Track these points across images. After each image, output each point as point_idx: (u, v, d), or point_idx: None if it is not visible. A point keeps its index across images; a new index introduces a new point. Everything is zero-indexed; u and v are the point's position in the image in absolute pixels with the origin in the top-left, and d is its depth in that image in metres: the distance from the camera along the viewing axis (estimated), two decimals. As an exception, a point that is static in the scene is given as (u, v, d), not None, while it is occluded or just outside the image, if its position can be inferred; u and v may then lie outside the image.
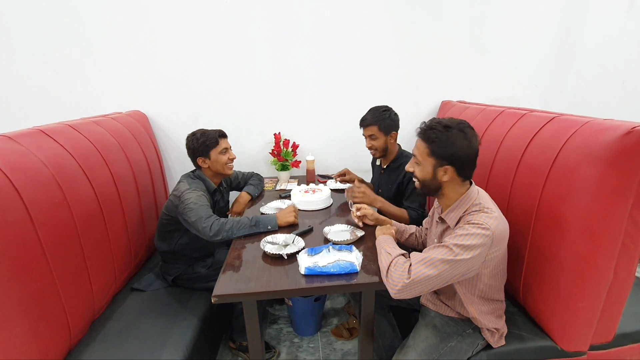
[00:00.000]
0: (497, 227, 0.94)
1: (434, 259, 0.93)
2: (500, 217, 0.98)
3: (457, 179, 1.01)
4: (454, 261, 0.91)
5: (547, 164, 1.08)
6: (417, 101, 2.20)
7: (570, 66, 2.22)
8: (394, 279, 0.95)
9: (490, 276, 1.03)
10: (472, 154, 0.97)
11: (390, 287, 0.96)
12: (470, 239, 0.91)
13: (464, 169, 0.99)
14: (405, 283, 0.92)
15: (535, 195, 1.11)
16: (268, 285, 1.02)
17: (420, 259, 0.95)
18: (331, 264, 1.06)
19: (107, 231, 1.37)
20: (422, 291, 0.95)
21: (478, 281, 1.03)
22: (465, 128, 0.97)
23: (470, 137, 0.97)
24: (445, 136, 0.96)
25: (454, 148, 0.96)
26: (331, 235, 1.31)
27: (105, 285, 1.35)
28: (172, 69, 1.98)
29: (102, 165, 1.41)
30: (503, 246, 0.99)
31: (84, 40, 1.89)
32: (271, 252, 1.16)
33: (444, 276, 0.92)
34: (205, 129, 1.54)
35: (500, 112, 1.48)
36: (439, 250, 0.94)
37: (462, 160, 0.97)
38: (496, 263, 1.01)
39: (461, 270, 0.93)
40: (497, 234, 0.94)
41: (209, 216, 1.34)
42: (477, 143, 0.98)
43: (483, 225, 0.92)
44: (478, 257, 0.92)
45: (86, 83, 1.96)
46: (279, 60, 2.04)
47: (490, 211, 0.97)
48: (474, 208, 0.99)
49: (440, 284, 0.94)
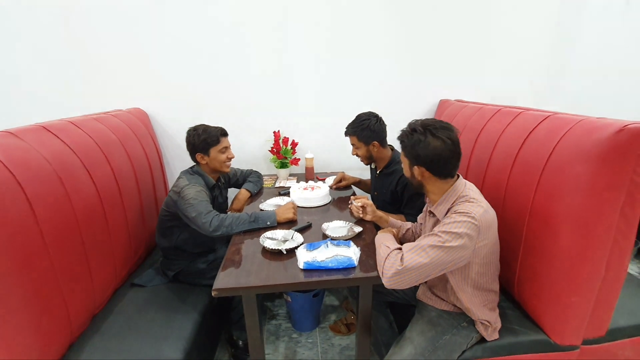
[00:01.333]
0: (482, 216, 0.96)
1: (423, 245, 0.96)
2: (486, 206, 1.00)
3: (433, 177, 1.05)
4: (443, 248, 0.93)
5: (541, 162, 1.09)
6: (415, 100, 2.22)
7: (566, 65, 2.24)
8: (387, 268, 0.98)
9: (482, 264, 1.05)
10: (441, 154, 0.99)
11: (384, 277, 0.99)
12: (457, 226, 0.94)
13: (436, 169, 1.03)
14: (398, 269, 0.95)
15: (529, 192, 1.13)
16: (267, 280, 1.03)
17: (410, 247, 0.99)
18: (329, 259, 1.08)
19: (108, 227, 1.38)
20: (415, 280, 0.96)
21: (469, 270, 1.05)
22: (436, 129, 1.00)
23: (440, 138, 0.99)
24: (410, 139, 1.03)
25: (419, 150, 1.01)
26: (329, 232, 1.33)
27: (105, 280, 1.37)
28: (172, 67, 1.99)
29: (103, 161, 1.42)
30: (491, 235, 1.01)
31: (84, 38, 1.90)
32: (270, 248, 1.18)
33: (435, 263, 0.94)
34: (208, 125, 1.54)
35: (496, 110, 1.50)
36: (428, 238, 0.98)
37: (430, 161, 1.01)
38: (486, 252, 1.03)
39: (452, 257, 0.95)
40: (483, 222, 0.96)
41: (208, 211, 1.35)
42: (451, 143, 0.99)
43: (469, 214, 0.95)
44: (466, 245, 0.94)
45: (87, 81, 1.96)
46: (279, 58, 2.05)
47: (475, 201, 0.99)
48: (460, 199, 1.02)
49: (433, 272, 0.96)
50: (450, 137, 1.00)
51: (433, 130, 1.00)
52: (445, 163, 1.02)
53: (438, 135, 0.99)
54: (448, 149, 0.99)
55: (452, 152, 1.01)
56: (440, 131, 1.00)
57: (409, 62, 2.14)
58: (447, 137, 0.99)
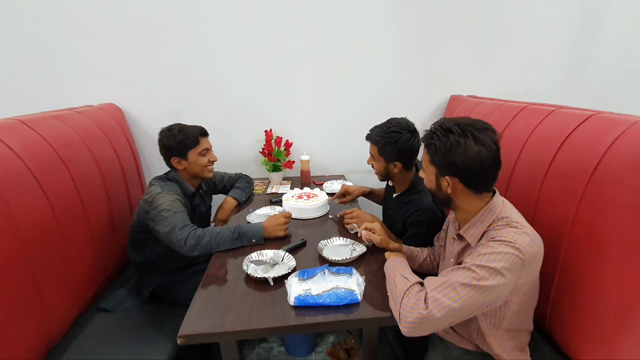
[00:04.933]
0: (529, 246, 0.77)
1: (453, 283, 0.77)
2: (532, 233, 0.81)
3: (467, 191, 0.85)
4: (478, 287, 0.75)
5: (585, 172, 0.92)
6: (423, 96, 2.03)
7: (590, 57, 2.03)
8: (406, 310, 0.79)
9: (520, 303, 0.87)
10: (483, 162, 0.80)
11: (402, 323, 0.79)
12: (497, 259, 0.75)
13: (473, 180, 0.84)
14: (422, 315, 0.76)
15: (569, 208, 0.96)
16: (250, 320, 0.84)
17: (436, 284, 0.79)
18: (326, 293, 0.88)
19: (66, 244, 1.19)
20: (440, 326, 0.78)
21: (505, 310, 0.86)
22: (477, 130, 0.81)
23: (481, 141, 0.80)
24: (443, 142, 0.82)
25: (455, 156, 0.81)
26: (327, 252, 1.13)
27: (63, 306, 1.18)
28: (151, 58, 1.78)
29: (60, 167, 1.22)
30: (536, 268, 0.83)
31: (51, 26, 1.68)
32: (255, 276, 0.98)
33: (468, 306, 0.76)
34: (184, 124, 1.35)
35: (521, 108, 1.31)
36: (458, 272, 0.78)
37: (467, 170, 0.81)
38: (528, 288, 0.85)
39: (488, 299, 0.77)
40: (530, 254, 0.77)
41: (183, 226, 1.17)
42: (496, 149, 0.81)
43: (512, 244, 0.76)
44: (507, 283, 0.76)
45: (53, 73, 1.75)
46: (271, 49, 1.86)
47: (520, 226, 0.80)
48: (499, 222, 0.83)
49: (463, 316, 0.78)
50: (494, 141, 0.81)
51: (474, 131, 0.80)
52: (486, 174, 0.83)
53: (480, 138, 0.80)
54: (491, 157, 0.80)
55: (496, 160, 0.82)
56: (483, 133, 0.81)
57: (415, 53, 1.94)
58: (491, 141, 0.80)
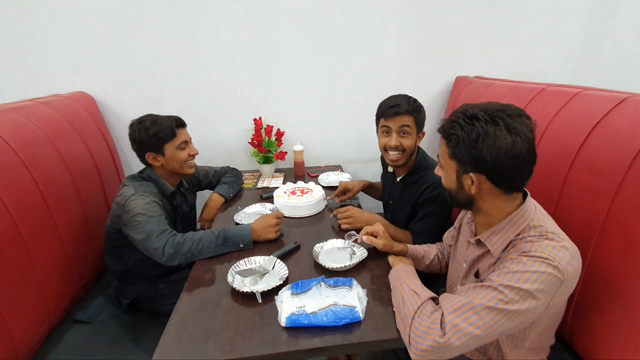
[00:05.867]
0: (569, 263, 0.64)
1: (475, 306, 0.65)
2: (572, 248, 0.68)
3: (495, 190, 0.71)
4: (505, 311, 0.63)
5: (621, 164, 0.80)
6: (426, 77, 1.90)
7: (606, 35, 1.89)
8: (417, 335, 0.67)
9: (548, 323, 0.76)
10: (517, 155, 0.66)
11: (412, 348, 0.67)
12: (530, 280, 0.63)
13: (504, 178, 0.69)
14: (438, 343, 0.64)
15: (599, 206, 0.85)
16: (233, 347, 0.71)
17: (455, 306, 0.67)
18: (323, 310, 0.75)
19: (29, 253, 1.05)
20: (458, 353, 0.67)
21: (531, 330, 0.75)
22: (508, 117, 0.66)
23: (516, 130, 0.65)
24: (467, 131, 0.68)
25: (483, 149, 0.66)
26: (323, 258, 1.00)
27: (31, 322, 1.06)
28: (127, 40, 1.62)
29: (19, 167, 1.07)
30: (573, 287, 0.71)
31: (10, 2, 1.49)
32: (241, 290, 0.85)
33: (493, 332, 0.64)
34: (157, 115, 1.21)
35: (539, 90, 1.17)
36: (482, 293, 0.66)
37: (497, 165, 0.67)
38: (560, 307, 0.74)
39: (516, 323, 0.65)
40: (570, 274, 0.64)
41: (160, 232, 1.04)
42: (530, 139, 0.67)
43: (550, 261, 0.63)
44: (539, 307, 0.64)
45: (16, 58, 1.57)
46: (258, 28, 1.70)
47: (557, 238, 0.67)
48: (531, 232, 0.70)
49: (485, 341, 0.67)
50: (531, 130, 0.67)
51: (506, 117, 0.66)
52: (520, 170, 0.68)
53: (514, 126, 0.65)
54: (527, 148, 0.66)
55: (532, 153, 0.68)
56: (517, 120, 0.66)
57: (418, 31, 1.80)
58: (527, 130, 0.66)
